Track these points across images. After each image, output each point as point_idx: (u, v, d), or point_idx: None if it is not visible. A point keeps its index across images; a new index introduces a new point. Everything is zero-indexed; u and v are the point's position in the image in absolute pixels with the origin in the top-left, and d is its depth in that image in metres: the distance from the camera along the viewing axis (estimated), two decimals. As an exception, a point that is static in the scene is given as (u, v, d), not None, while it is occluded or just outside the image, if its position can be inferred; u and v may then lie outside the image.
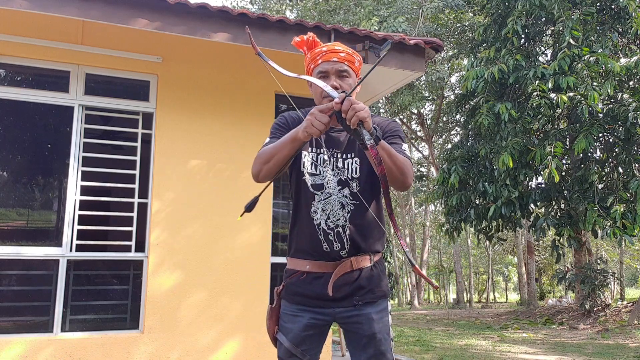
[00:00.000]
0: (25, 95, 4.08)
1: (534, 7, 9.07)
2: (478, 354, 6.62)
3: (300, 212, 1.80)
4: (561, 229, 9.13)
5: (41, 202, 4.24)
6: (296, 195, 1.82)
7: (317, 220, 1.76)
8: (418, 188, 19.99)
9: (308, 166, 1.80)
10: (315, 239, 1.75)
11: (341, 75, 1.77)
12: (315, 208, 1.77)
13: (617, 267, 22.51)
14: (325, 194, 1.77)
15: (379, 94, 5.85)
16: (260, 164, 1.69)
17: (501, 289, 37.24)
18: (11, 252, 3.89)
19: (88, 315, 4.04)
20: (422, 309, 19.91)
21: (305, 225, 1.77)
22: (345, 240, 1.75)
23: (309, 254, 1.77)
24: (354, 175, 1.79)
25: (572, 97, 8.05)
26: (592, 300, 10.46)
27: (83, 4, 3.68)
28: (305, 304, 1.78)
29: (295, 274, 1.79)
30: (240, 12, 4.06)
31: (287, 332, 1.78)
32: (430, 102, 17.76)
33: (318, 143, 1.81)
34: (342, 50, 1.79)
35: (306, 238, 1.77)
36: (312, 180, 1.79)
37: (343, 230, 1.76)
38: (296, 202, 1.82)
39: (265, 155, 1.68)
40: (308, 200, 1.78)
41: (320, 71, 1.77)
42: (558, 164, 7.98)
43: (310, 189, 1.78)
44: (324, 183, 1.78)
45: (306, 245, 1.77)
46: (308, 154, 1.79)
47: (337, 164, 1.80)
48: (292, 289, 1.80)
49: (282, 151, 1.63)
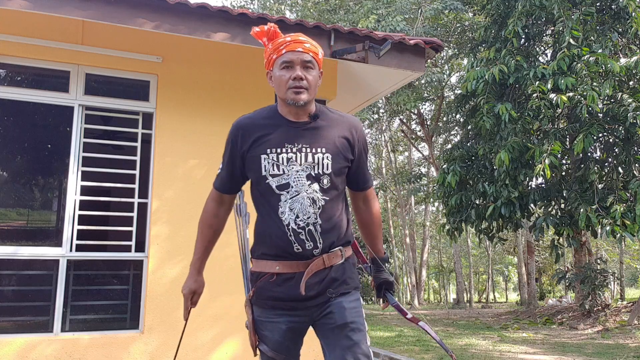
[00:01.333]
0: (25, 95, 4.08)
1: (534, 7, 9.07)
2: (478, 354, 6.62)
3: (266, 214, 1.74)
4: (561, 229, 9.13)
5: (41, 202, 4.24)
6: (260, 198, 1.75)
7: (286, 220, 1.70)
8: (417, 187, 19.98)
9: (270, 168, 1.73)
10: (285, 240, 1.69)
11: (306, 65, 1.72)
12: (282, 208, 1.71)
13: (617, 267, 22.51)
14: (292, 192, 1.71)
15: (378, 94, 5.85)
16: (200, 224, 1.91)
17: (501, 289, 37.25)
18: (11, 252, 3.89)
19: (88, 315, 4.04)
20: (422, 308, 19.91)
21: (273, 227, 1.71)
22: (318, 238, 1.71)
23: (278, 255, 1.71)
24: (325, 171, 1.73)
25: (572, 98, 8.05)
26: (592, 300, 10.45)
27: (83, 4, 3.68)
28: (279, 308, 1.72)
29: (264, 277, 1.73)
30: (241, 12, 4.06)
31: (268, 341, 1.72)
32: (430, 102, 17.78)
33: (279, 142, 1.74)
34: (306, 41, 1.75)
35: (275, 239, 1.70)
36: (276, 181, 1.72)
37: (314, 228, 1.71)
38: (260, 205, 1.77)
39: (199, 226, 1.91)
40: (274, 202, 1.72)
41: (284, 61, 1.71)
42: (553, 160, 7.98)
43: (275, 190, 1.72)
44: (290, 181, 1.72)
45: (275, 247, 1.71)
46: (267, 156, 1.72)
47: (306, 159, 1.74)
48: (263, 293, 1.73)
49: (197, 238, 1.92)
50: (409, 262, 22.66)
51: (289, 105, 1.74)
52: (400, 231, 23.85)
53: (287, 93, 1.70)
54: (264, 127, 1.76)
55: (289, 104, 1.73)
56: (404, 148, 23.66)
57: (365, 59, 4.40)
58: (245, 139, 1.75)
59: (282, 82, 1.71)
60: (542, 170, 7.82)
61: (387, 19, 11.67)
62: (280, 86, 1.72)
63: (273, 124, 1.77)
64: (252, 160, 1.74)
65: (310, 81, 1.72)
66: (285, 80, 1.70)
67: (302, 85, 1.70)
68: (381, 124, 20.23)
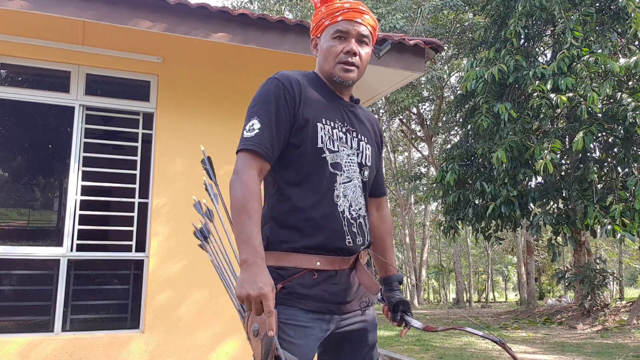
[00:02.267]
0: (25, 96, 4.09)
1: (534, 8, 9.09)
2: (477, 354, 6.63)
3: (318, 196, 1.42)
4: (558, 228, 9.15)
5: (42, 202, 4.25)
6: (309, 174, 1.43)
7: (341, 207, 1.44)
8: (416, 186, 19.99)
9: (327, 141, 1.46)
10: (338, 231, 1.42)
11: (362, 40, 1.50)
12: (337, 192, 1.44)
13: (616, 267, 22.53)
14: (344, 177, 1.47)
15: (378, 94, 5.86)
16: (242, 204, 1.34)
17: (500, 289, 37.26)
18: (12, 251, 3.90)
19: (89, 315, 4.05)
20: (422, 308, 19.93)
21: (326, 214, 1.41)
22: (366, 233, 1.50)
23: (323, 248, 1.41)
24: (367, 163, 1.55)
25: (572, 98, 8.07)
26: (591, 300, 10.47)
27: (83, 4, 3.69)
28: (319, 311, 1.40)
29: (301, 273, 1.39)
30: (241, 13, 4.07)
31: (294, 349, 1.35)
32: (429, 102, 17.79)
33: (331, 115, 1.50)
34: (366, 11, 1.52)
35: (325, 229, 1.40)
36: (332, 158, 1.46)
37: (364, 222, 1.50)
38: (309, 184, 1.43)
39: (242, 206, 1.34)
40: (329, 183, 1.43)
41: (339, 30, 1.48)
42: (553, 157, 8.00)
43: (329, 169, 1.44)
44: (342, 163, 1.47)
45: (323, 238, 1.40)
46: (324, 127, 1.46)
47: (353, 144, 1.52)
48: (301, 292, 1.39)
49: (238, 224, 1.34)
50: (408, 262, 22.67)
51: (333, 82, 1.52)
52: (400, 231, 23.87)
53: (335, 68, 1.49)
54: (313, 91, 1.49)
55: (334, 81, 1.51)
56: (404, 148, 23.68)
57: (365, 59, 4.41)
58: (296, 95, 1.45)
59: (331, 53, 1.49)
60: (544, 167, 7.82)
61: (386, 17, 11.69)
62: (328, 58, 1.50)
63: (321, 91, 1.51)
64: (305, 124, 1.43)
65: (363, 59, 1.51)
66: (335, 53, 1.48)
67: (354, 62, 1.49)
68: (381, 124, 20.23)
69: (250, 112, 1.45)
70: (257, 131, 1.40)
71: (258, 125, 1.40)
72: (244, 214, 1.32)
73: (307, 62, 4.65)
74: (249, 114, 1.45)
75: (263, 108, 1.42)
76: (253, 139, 1.39)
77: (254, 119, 1.42)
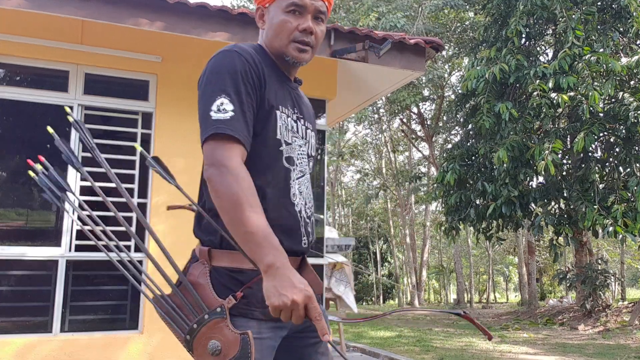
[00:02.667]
0: (24, 95, 4.07)
1: (536, 7, 9.06)
2: (478, 354, 6.60)
3: (276, 193, 1.26)
4: (560, 228, 9.12)
5: (40, 202, 4.23)
6: (267, 169, 1.26)
7: (298, 207, 1.30)
8: (416, 187, 19.98)
9: (283, 131, 1.29)
10: (297, 232, 1.28)
11: (319, 17, 1.33)
12: (294, 189, 1.30)
13: (618, 268, 22.49)
14: (297, 171, 1.32)
15: (379, 94, 5.84)
16: (242, 199, 1.12)
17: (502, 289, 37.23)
18: (10, 252, 3.88)
19: (87, 316, 4.03)
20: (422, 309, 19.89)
21: (283, 211, 1.27)
22: (313, 232, 1.36)
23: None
24: (312, 153, 1.40)
25: (573, 97, 8.04)
26: (593, 301, 10.44)
27: (82, 3, 3.67)
28: (273, 319, 1.19)
29: (260, 276, 1.15)
30: (240, 12, 4.05)
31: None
32: (430, 101, 17.77)
33: (284, 101, 1.32)
34: None
35: (284, 230, 1.25)
36: (287, 151, 1.30)
37: (312, 220, 1.36)
38: (267, 180, 1.25)
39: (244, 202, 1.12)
40: (286, 179, 1.29)
41: (294, 3, 1.29)
42: (555, 157, 7.97)
43: (285, 163, 1.29)
44: (294, 157, 1.32)
45: (282, 239, 1.20)
46: (281, 115, 1.29)
47: (303, 133, 1.36)
48: (258, 298, 1.18)
49: (245, 224, 1.11)
50: (409, 262, 22.65)
51: (283, 61, 1.34)
52: (400, 231, 23.85)
53: (289, 46, 1.31)
54: (267, 71, 1.30)
55: (286, 61, 1.33)
56: (404, 148, 23.66)
57: (365, 58, 4.38)
58: (261, 75, 1.26)
59: (284, 30, 1.30)
60: (545, 167, 7.80)
61: (387, 16, 11.69)
62: (280, 35, 1.31)
63: (274, 72, 1.33)
64: (270, 110, 1.27)
65: (319, 38, 1.35)
66: (290, 30, 1.30)
67: (310, 41, 1.32)
68: (381, 123, 20.22)
69: (213, 87, 1.22)
70: (231, 113, 1.19)
71: (230, 106, 1.19)
72: (249, 210, 1.11)
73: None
74: (213, 90, 1.22)
75: (232, 86, 1.21)
76: (230, 123, 1.18)
77: (222, 98, 1.20)
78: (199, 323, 1.17)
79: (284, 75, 1.36)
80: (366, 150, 24.97)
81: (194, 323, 1.17)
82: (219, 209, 1.16)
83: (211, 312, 1.17)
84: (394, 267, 25.65)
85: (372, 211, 26.70)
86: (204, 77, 1.29)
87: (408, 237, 22.36)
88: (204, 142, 1.22)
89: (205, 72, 1.29)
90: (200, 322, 1.17)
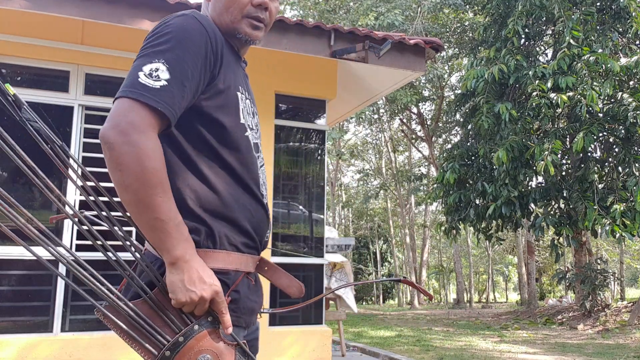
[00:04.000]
0: (25, 95, 4.08)
1: (535, 7, 9.08)
2: (478, 354, 6.62)
3: (242, 183, 1.13)
4: (560, 229, 9.14)
5: (41, 202, 4.24)
6: (232, 153, 1.12)
7: (265, 199, 1.20)
8: (417, 187, 19.99)
9: (246, 115, 1.17)
10: (263, 224, 1.17)
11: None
12: (262, 179, 1.19)
13: (617, 267, 22.51)
14: (260, 159, 1.22)
15: (378, 94, 5.85)
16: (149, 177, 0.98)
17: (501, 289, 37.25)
18: (11, 252, 3.89)
19: (88, 315, 4.04)
20: (422, 309, 19.91)
21: (253, 203, 1.15)
22: (271, 227, 1.29)
23: (254, 247, 1.15)
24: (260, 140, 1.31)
25: (572, 97, 8.06)
26: (592, 300, 10.45)
27: (83, 3, 3.68)
28: (247, 325, 1.12)
29: (240, 279, 1.09)
30: (240, 12, 4.07)
31: None
32: (430, 102, 17.78)
33: (241, 83, 1.21)
34: None
35: (256, 224, 1.14)
36: (252, 137, 1.18)
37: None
38: (232, 169, 1.11)
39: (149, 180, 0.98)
40: (256, 167, 1.17)
41: None
42: (554, 158, 7.99)
43: (252, 151, 1.17)
44: (258, 143, 1.22)
45: (254, 234, 1.13)
46: (241, 97, 1.18)
47: (257, 120, 1.26)
48: (247, 305, 1.10)
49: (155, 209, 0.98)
50: (409, 262, 22.66)
51: (235, 39, 1.21)
52: (400, 231, 23.86)
53: (241, 22, 1.18)
54: (225, 50, 1.15)
55: (238, 38, 1.21)
56: (404, 148, 23.67)
57: (365, 59, 4.40)
58: (219, 51, 1.11)
59: (236, 4, 1.17)
60: (545, 168, 7.81)
61: (386, 14, 11.73)
62: (231, 9, 1.18)
63: (228, 49, 1.18)
64: (226, 90, 1.12)
65: (273, 15, 1.25)
66: (242, 4, 1.17)
67: (264, 18, 1.21)
68: (381, 124, 20.24)
69: (155, 48, 1.04)
70: (164, 83, 1.00)
71: (166, 75, 1.01)
72: (162, 194, 0.97)
73: (307, 62, 4.64)
74: (154, 51, 1.04)
75: (176, 54, 1.03)
76: (160, 95, 0.99)
77: (159, 63, 1.01)
78: (186, 335, 0.99)
79: (237, 54, 1.25)
80: (366, 150, 24.99)
81: (180, 335, 0.99)
82: (119, 184, 1.00)
83: (201, 322, 1.01)
84: (393, 267, 25.65)
85: (372, 211, 26.71)
86: (150, 34, 1.09)
87: (408, 237, 22.38)
88: (119, 97, 1.01)
89: (155, 30, 1.10)
90: (188, 334, 1.00)
